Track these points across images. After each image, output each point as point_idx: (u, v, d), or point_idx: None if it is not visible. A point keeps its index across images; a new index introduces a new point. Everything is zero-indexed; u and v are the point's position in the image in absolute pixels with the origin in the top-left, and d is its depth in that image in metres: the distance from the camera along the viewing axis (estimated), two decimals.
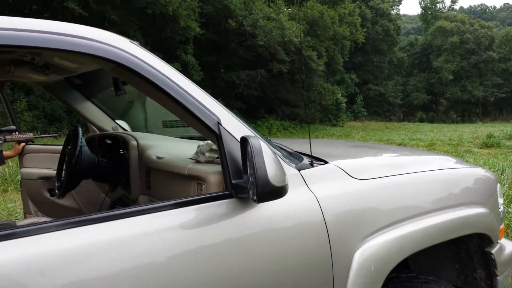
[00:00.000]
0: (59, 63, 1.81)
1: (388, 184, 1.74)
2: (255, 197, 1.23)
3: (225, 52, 23.55)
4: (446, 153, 11.03)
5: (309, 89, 28.48)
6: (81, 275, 1.06)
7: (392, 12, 52.57)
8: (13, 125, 3.11)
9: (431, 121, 50.53)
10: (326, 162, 1.72)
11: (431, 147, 12.82)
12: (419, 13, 63.81)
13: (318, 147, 2.52)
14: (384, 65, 49.42)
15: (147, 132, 3.23)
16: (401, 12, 72.38)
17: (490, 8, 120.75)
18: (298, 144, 2.25)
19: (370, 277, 1.54)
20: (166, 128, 3.35)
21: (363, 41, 35.22)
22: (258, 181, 1.21)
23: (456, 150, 11.73)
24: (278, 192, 1.26)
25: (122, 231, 1.16)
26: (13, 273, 0.99)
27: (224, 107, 1.45)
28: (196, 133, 2.90)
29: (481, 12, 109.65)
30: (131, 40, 1.36)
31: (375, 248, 1.55)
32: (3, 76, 2.35)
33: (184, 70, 19.65)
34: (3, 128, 3.02)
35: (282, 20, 22.37)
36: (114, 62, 1.24)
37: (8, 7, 17.68)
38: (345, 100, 35.17)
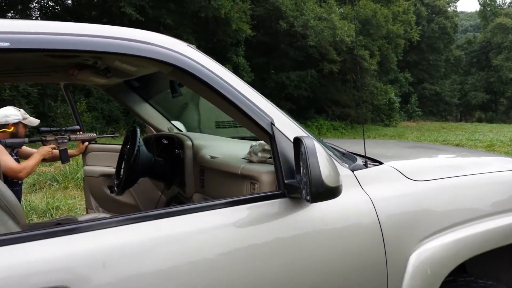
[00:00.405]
0: (119, 66, 1.90)
1: (446, 186, 1.69)
2: (308, 197, 1.23)
3: (275, 53, 23.58)
4: (507, 154, 10.44)
5: (361, 89, 27.93)
6: (140, 269, 1.11)
7: (449, 9, 50.46)
8: (77, 125, 3.29)
9: (490, 121, 47.89)
10: (380, 163, 1.69)
11: (490, 148, 12.21)
12: (478, 10, 60.76)
13: (372, 148, 2.48)
14: (440, 63, 47.48)
15: (201, 132, 3.31)
16: (459, 9, 69.27)
17: None
18: (351, 145, 2.22)
19: (426, 281, 1.50)
20: (219, 128, 3.42)
21: (418, 39, 34.02)
22: (312, 181, 1.21)
23: None
24: (332, 192, 1.25)
25: (178, 228, 1.20)
26: (76, 266, 1.05)
27: (277, 108, 1.46)
28: (247, 134, 2.94)
29: None
30: (188, 44, 1.40)
31: (432, 251, 1.51)
32: (68, 79, 2.49)
33: (235, 71, 19.65)
34: (68, 128, 3.20)
35: (333, 20, 22.07)
36: (173, 65, 1.29)
37: (70, 13, 18.74)
38: (398, 99, 34.14)
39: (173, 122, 3.19)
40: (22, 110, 3.34)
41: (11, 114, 3.19)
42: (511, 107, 54.46)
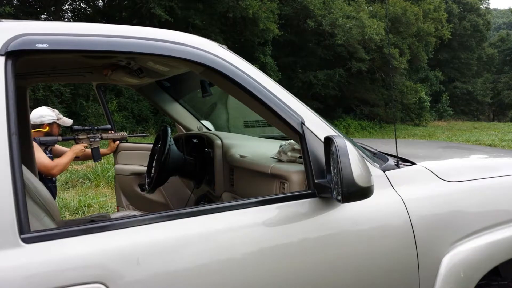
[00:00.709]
0: (152, 67, 1.93)
1: (480, 187, 1.66)
2: (339, 197, 1.22)
3: (303, 52, 23.49)
4: None
5: (390, 88, 27.47)
6: (172, 266, 1.13)
7: (481, 6, 49.04)
8: (109, 124, 3.37)
9: None
10: (412, 163, 1.67)
11: None
12: (511, 7, 58.81)
13: (404, 148, 2.44)
14: (472, 61, 46.21)
15: (230, 131, 3.33)
16: (491, 7, 67.28)
17: None
18: (382, 144, 2.19)
19: (459, 284, 1.48)
20: (247, 127, 3.43)
21: (449, 37, 33.22)
22: (344, 181, 1.20)
23: None
24: (363, 192, 1.24)
25: (208, 226, 1.21)
26: (111, 262, 1.07)
27: (308, 107, 1.46)
28: (276, 133, 2.94)
29: None
30: (220, 44, 1.42)
31: (465, 254, 1.48)
32: (102, 80, 2.55)
33: (263, 71, 19.71)
34: (100, 127, 3.28)
35: (362, 18, 21.81)
36: (205, 65, 1.31)
37: (101, 14, 19.18)
38: (429, 98, 33.39)
39: (202, 121, 3.22)
40: (56, 110, 3.43)
41: (46, 114, 3.28)
42: None
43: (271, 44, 21.13)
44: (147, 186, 2.58)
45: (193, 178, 2.68)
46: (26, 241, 1.01)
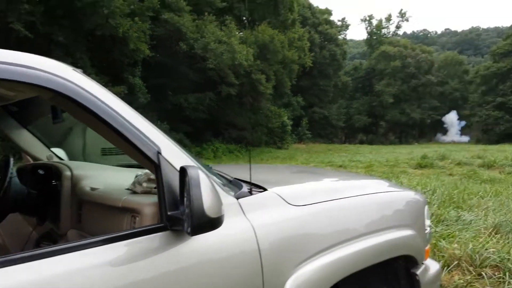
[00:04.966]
0: None
1: (325, 209, 1.77)
2: (189, 230, 1.21)
3: (174, 74, 23.37)
4: (383, 174, 11.40)
5: (256, 112, 28.76)
6: None
7: (339, 37, 54.56)
8: None
9: (371, 142, 52.71)
10: (264, 189, 1.72)
11: (369, 169, 13.20)
12: (365, 38, 66.64)
13: (260, 173, 2.53)
14: (329, 88, 50.99)
15: (85, 160, 3.11)
16: (348, 37, 75.34)
17: (432, 33, 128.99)
18: (242, 171, 2.25)
19: None
20: (105, 155, 3.25)
21: (311, 65, 36.14)
22: (194, 213, 1.19)
23: (392, 171, 12.16)
24: (213, 223, 1.24)
25: (47, 271, 1.10)
26: None
27: (166, 136, 1.43)
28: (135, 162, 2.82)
29: (423, 37, 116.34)
30: (74, 68, 1.33)
31: (308, 275, 1.56)
32: None
33: (131, 93, 19.26)
34: None
35: (233, 44, 22.57)
36: (54, 90, 1.20)
37: None
38: (291, 123, 35.85)
39: (53, 149, 2.95)
40: None
41: None
42: (389, 130, 60.43)
43: (141, 65, 20.63)
44: None
45: (36, 215, 2.41)
46: None
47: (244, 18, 28.39)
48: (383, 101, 54.93)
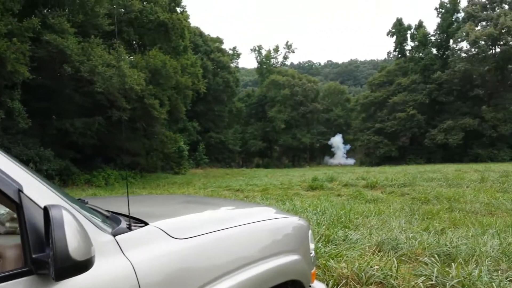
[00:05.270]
0: None
1: (211, 240, 1.76)
2: (53, 274, 1.11)
3: (59, 98, 21.87)
4: (278, 196, 11.77)
5: (150, 137, 28.07)
6: None
7: (231, 65, 56.10)
8: None
9: (267, 166, 54.73)
10: (146, 224, 1.66)
11: (265, 192, 13.48)
12: (256, 67, 69.33)
13: (144, 206, 2.45)
14: (224, 114, 52.02)
15: None
16: (240, 66, 77.85)
17: (316, 64, 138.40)
18: (124, 203, 2.14)
19: None
20: None
21: (205, 91, 36.47)
22: (57, 256, 1.10)
23: (287, 194, 12.56)
24: (79, 266, 1.15)
25: None
26: None
27: (30, 172, 1.32)
28: None
29: (308, 68, 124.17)
30: None
31: None
32: None
33: (9, 117, 17.69)
34: None
35: (123, 68, 21.90)
36: None
37: None
38: (187, 147, 35.73)
39: None
40: None
41: None
42: (283, 154, 63.24)
43: (20, 88, 18.99)
44: None
45: None
46: None
47: (134, 42, 27.87)
48: (276, 127, 57.37)
